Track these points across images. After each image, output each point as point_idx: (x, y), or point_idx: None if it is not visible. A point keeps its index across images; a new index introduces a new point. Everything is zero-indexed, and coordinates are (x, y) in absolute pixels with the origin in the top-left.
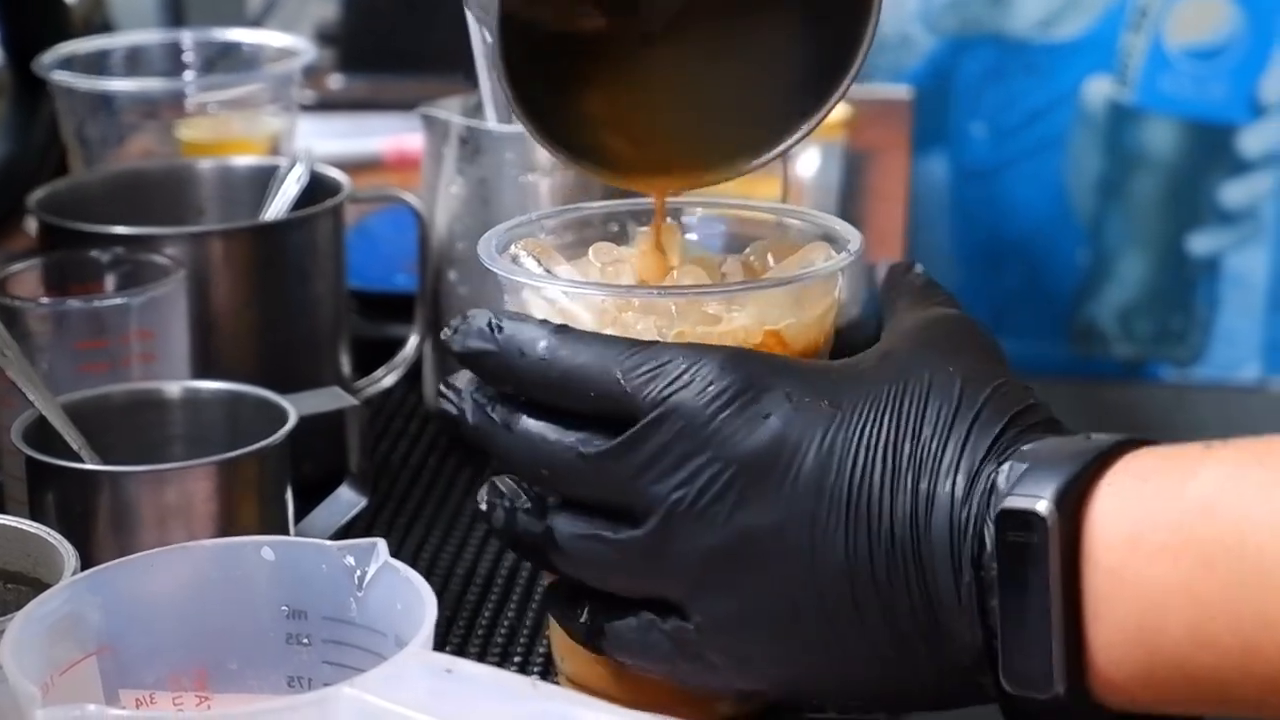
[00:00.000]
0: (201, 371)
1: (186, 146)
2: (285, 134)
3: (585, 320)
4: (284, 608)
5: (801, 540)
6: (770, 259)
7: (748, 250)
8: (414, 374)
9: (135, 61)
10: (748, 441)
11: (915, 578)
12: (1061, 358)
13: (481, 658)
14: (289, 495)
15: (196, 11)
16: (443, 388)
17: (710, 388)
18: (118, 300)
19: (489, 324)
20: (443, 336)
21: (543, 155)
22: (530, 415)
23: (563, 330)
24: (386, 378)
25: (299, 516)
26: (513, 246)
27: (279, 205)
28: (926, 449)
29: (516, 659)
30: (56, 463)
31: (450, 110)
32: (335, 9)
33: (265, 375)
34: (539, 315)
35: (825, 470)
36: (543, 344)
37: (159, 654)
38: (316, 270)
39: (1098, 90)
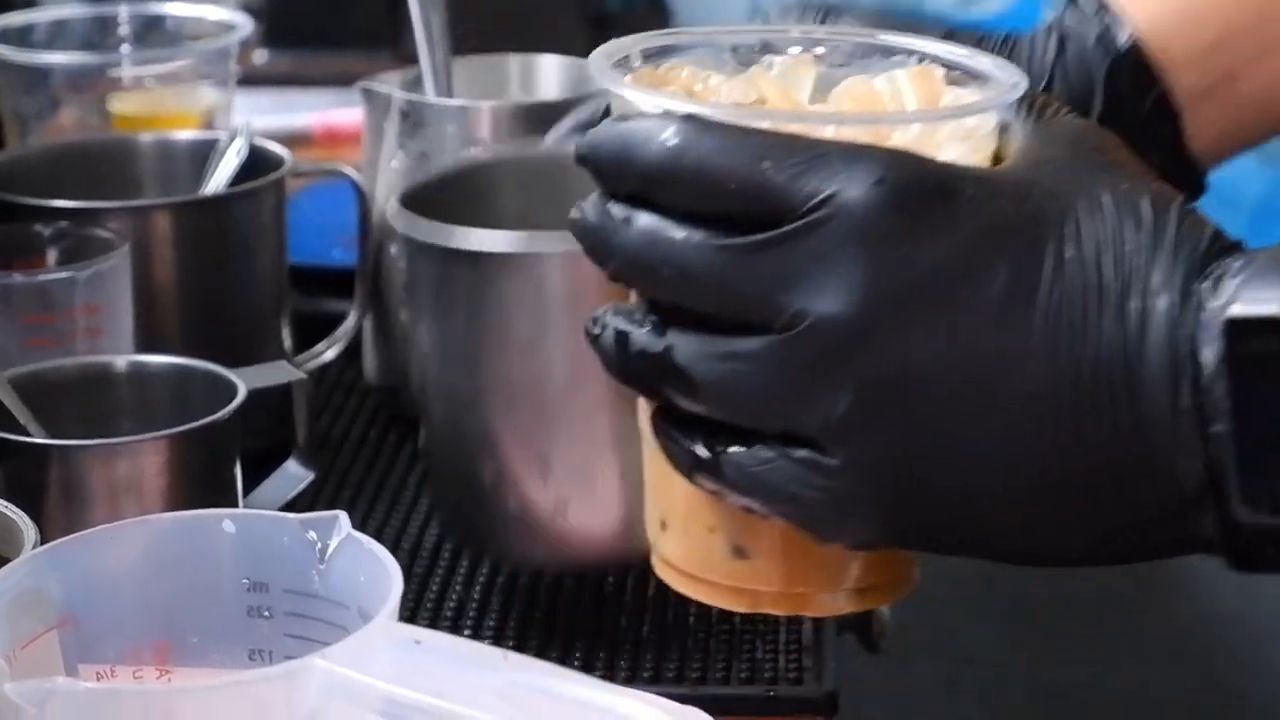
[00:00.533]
0: (146, 346)
1: (118, 120)
2: (221, 108)
3: None
4: (245, 580)
5: (986, 375)
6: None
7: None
8: (354, 349)
9: (69, 34)
10: (924, 253)
11: (1126, 408)
12: None
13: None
14: (238, 469)
15: None
16: (574, 208)
17: (877, 185)
18: (63, 275)
19: (610, 118)
20: (575, 146)
21: (484, 128)
22: (655, 212)
23: (693, 118)
24: (327, 352)
25: (246, 490)
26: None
27: (219, 179)
28: (1131, 265)
29: (466, 632)
30: (5, 437)
31: (390, 84)
32: None
33: (209, 349)
34: None
35: (1017, 292)
36: (670, 129)
37: (120, 628)
38: (259, 244)
39: None
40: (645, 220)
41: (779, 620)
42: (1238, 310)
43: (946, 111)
